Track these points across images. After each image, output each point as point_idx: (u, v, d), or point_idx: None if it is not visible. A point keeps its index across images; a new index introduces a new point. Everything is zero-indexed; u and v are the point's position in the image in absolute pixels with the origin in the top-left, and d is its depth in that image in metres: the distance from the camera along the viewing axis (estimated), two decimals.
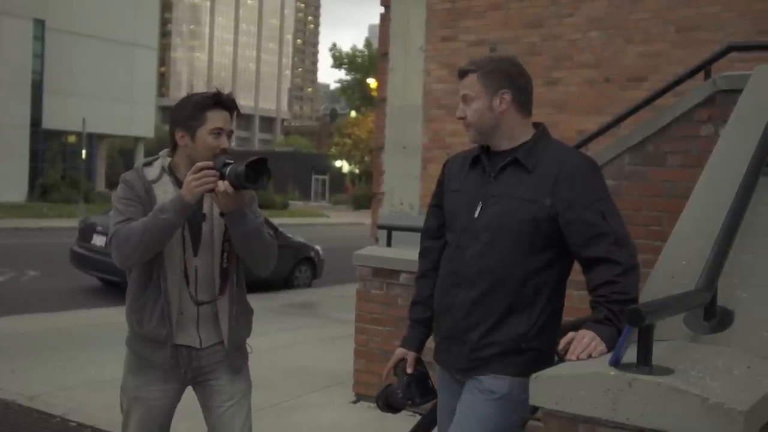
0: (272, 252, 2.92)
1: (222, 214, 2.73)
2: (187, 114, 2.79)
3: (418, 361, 2.79)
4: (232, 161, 2.65)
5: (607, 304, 2.37)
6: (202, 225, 2.84)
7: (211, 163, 2.65)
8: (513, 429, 2.60)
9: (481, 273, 2.54)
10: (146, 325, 2.85)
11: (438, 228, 2.79)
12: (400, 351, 2.81)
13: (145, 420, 2.97)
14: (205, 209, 2.85)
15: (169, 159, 2.88)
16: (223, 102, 2.80)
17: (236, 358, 2.99)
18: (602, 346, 2.24)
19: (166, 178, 2.84)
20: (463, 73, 2.61)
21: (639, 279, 2.45)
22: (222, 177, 2.62)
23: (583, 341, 2.26)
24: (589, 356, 2.21)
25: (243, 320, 3.01)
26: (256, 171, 2.60)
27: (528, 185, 2.51)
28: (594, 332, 2.28)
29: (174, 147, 2.87)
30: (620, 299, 2.35)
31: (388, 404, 2.83)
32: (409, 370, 2.76)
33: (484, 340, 2.54)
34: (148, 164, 2.90)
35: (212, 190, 2.63)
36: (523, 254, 2.51)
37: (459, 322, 2.59)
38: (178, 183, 2.79)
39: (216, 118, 2.77)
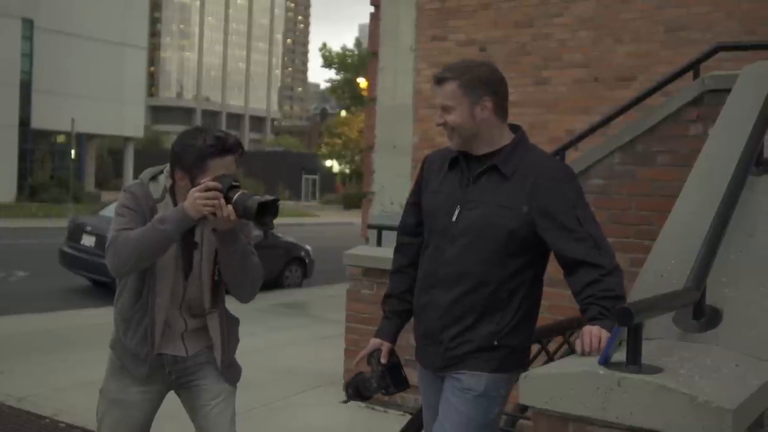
0: (257, 277, 2.88)
1: (214, 230, 2.71)
2: (189, 162, 2.70)
3: (392, 352, 2.81)
4: (237, 183, 2.65)
5: (597, 301, 2.39)
6: (194, 253, 2.83)
7: (219, 185, 2.61)
8: (493, 425, 2.62)
9: (458, 276, 2.57)
10: (129, 340, 2.86)
11: (415, 225, 2.82)
12: (375, 341, 2.83)
13: (120, 424, 2.96)
14: (197, 237, 2.83)
15: (170, 181, 2.82)
16: (227, 149, 2.71)
17: (230, 373, 3.00)
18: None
19: (169, 200, 2.81)
20: (440, 80, 2.59)
21: (623, 279, 2.48)
22: (227, 200, 2.60)
23: (593, 333, 2.27)
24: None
25: (233, 337, 3.03)
26: (263, 208, 2.60)
27: (505, 192, 2.54)
28: (599, 326, 2.30)
29: (173, 177, 2.80)
30: (608, 296, 2.38)
31: (359, 392, 2.84)
32: (383, 360, 2.79)
33: (458, 340, 2.58)
34: (154, 179, 2.86)
35: (215, 214, 2.61)
36: (500, 259, 2.54)
37: (434, 323, 2.63)
38: None
39: (218, 167, 2.68)
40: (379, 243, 6.39)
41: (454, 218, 2.59)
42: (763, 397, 2.02)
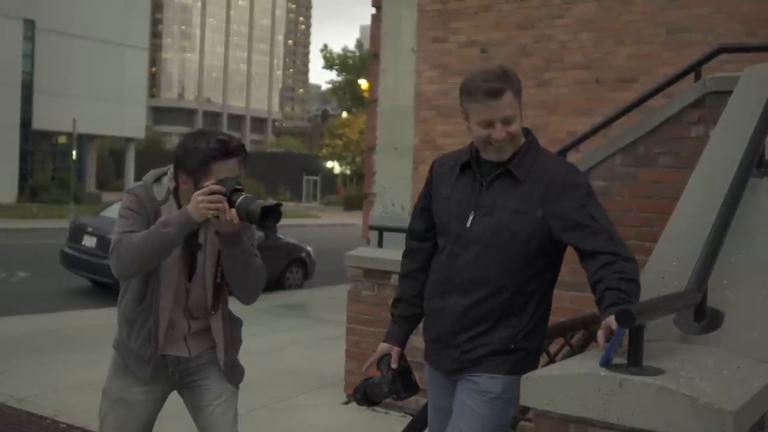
0: (259, 279, 2.89)
1: (217, 233, 2.72)
2: (192, 165, 2.69)
3: (401, 356, 2.80)
4: (240, 187, 2.65)
5: (612, 283, 2.31)
6: (197, 254, 2.84)
7: (223, 188, 2.61)
8: (507, 428, 2.62)
9: (474, 282, 2.56)
10: (133, 341, 2.87)
11: (425, 230, 2.80)
12: (384, 346, 2.81)
13: (122, 424, 2.96)
14: (201, 239, 2.83)
15: (174, 183, 2.81)
16: (231, 152, 2.71)
17: (233, 374, 3.01)
18: None
19: (172, 202, 2.80)
20: (497, 92, 2.47)
21: (638, 268, 2.43)
22: (230, 203, 2.60)
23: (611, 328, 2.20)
24: None
25: (236, 338, 3.04)
26: (266, 213, 2.60)
27: (519, 196, 2.52)
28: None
29: (177, 180, 2.80)
30: (623, 277, 2.32)
31: (367, 398, 2.83)
32: (393, 365, 2.77)
33: (474, 343, 2.57)
34: (157, 181, 2.85)
35: (218, 217, 2.61)
36: (516, 264, 2.53)
37: (449, 327, 2.61)
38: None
39: (222, 170, 2.68)
40: (380, 244, 6.40)
41: (468, 224, 2.58)
42: (764, 398, 2.02)
